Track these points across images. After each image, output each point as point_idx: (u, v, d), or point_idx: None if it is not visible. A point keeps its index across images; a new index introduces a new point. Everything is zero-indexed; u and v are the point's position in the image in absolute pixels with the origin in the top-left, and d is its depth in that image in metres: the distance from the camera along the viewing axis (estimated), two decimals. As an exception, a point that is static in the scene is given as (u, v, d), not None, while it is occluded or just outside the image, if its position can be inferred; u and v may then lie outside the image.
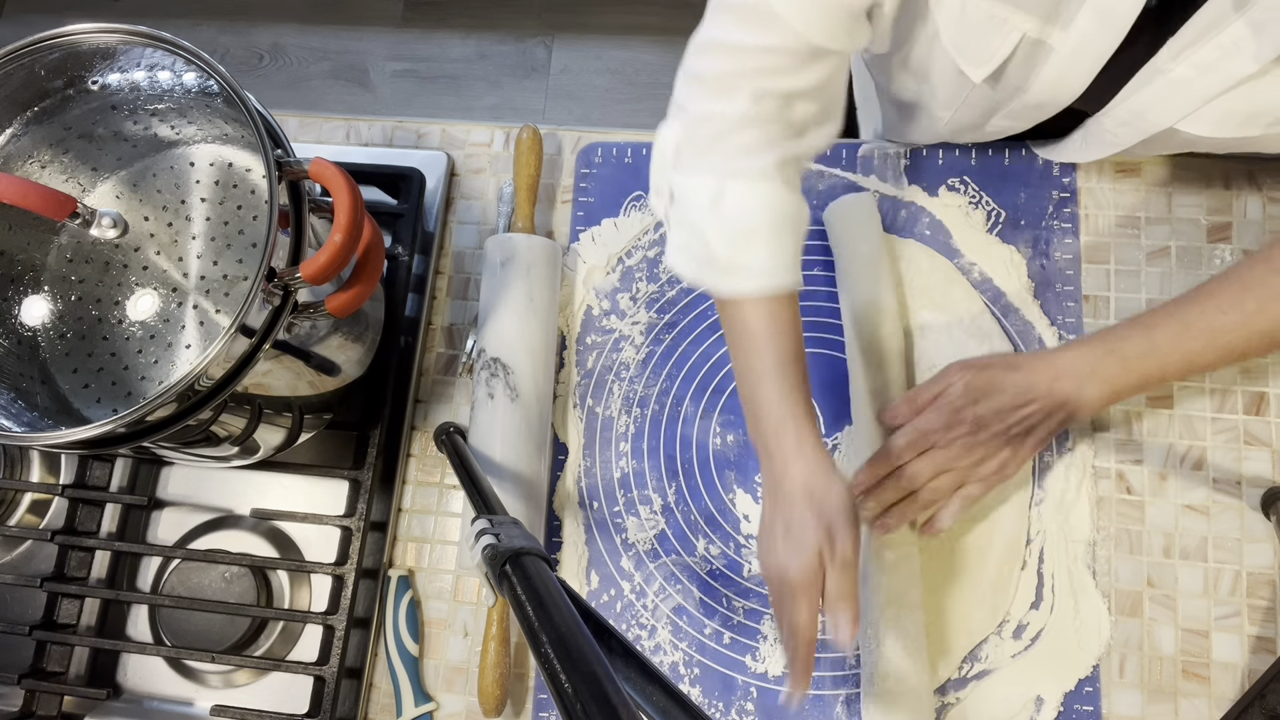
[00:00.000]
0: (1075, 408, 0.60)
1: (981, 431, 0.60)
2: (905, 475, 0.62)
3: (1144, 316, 0.59)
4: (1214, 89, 0.53)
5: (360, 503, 0.71)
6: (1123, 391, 0.59)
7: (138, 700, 0.72)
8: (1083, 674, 0.64)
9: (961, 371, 0.62)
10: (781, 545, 0.55)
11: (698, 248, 0.58)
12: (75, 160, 0.62)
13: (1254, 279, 0.57)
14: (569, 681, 0.34)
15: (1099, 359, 0.59)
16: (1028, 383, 0.59)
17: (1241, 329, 0.56)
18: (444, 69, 1.92)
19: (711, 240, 0.57)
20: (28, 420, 0.55)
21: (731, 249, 0.57)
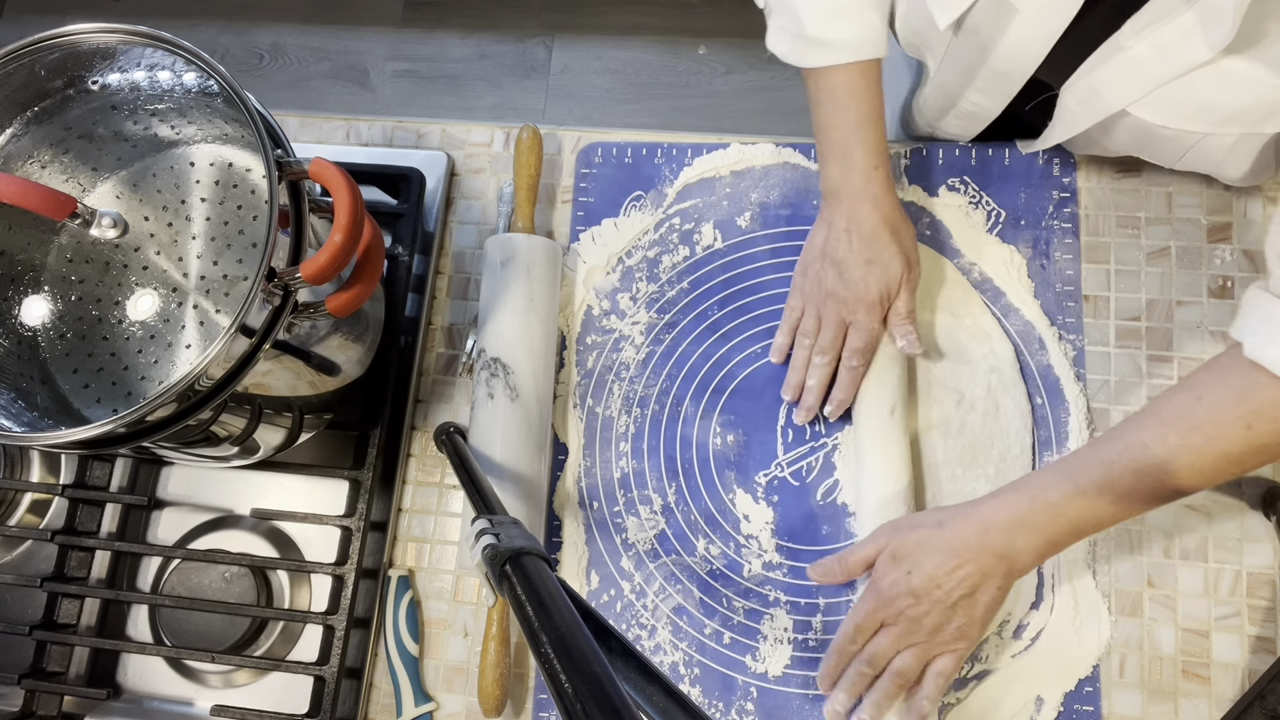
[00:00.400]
0: (1010, 562, 0.57)
1: (923, 600, 0.58)
2: (866, 657, 0.60)
3: (1068, 459, 0.57)
4: (1168, 72, 0.54)
5: (360, 503, 0.71)
6: (1058, 540, 0.57)
7: (138, 700, 0.72)
8: (1083, 674, 0.64)
9: (889, 537, 0.60)
10: (864, 272, 0.65)
11: (792, 26, 0.64)
12: (75, 160, 0.62)
13: (1174, 412, 0.54)
14: (569, 681, 0.34)
15: (1025, 508, 0.57)
16: (955, 543, 0.57)
17: (1168, 465, 0.53)
18: (444, 69, 1.92)
19: (804, 16, 0.63)
20: (28, 420, 0.55)
21: (822, 24, 0.63)
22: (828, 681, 0.62)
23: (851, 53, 0.63)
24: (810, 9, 0.63)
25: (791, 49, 0.65)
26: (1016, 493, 0.58)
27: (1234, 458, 0.53)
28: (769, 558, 0.69)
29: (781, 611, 0.67)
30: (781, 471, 0.70)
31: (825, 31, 0.63)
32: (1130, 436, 0.55)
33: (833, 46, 0.63)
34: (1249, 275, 0.70)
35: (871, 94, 0.65)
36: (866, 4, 0.63)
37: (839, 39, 0.63)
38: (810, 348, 0.68)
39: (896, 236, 0.65)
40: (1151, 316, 0.71)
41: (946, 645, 0.59)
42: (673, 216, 0.77)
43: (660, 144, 0.79)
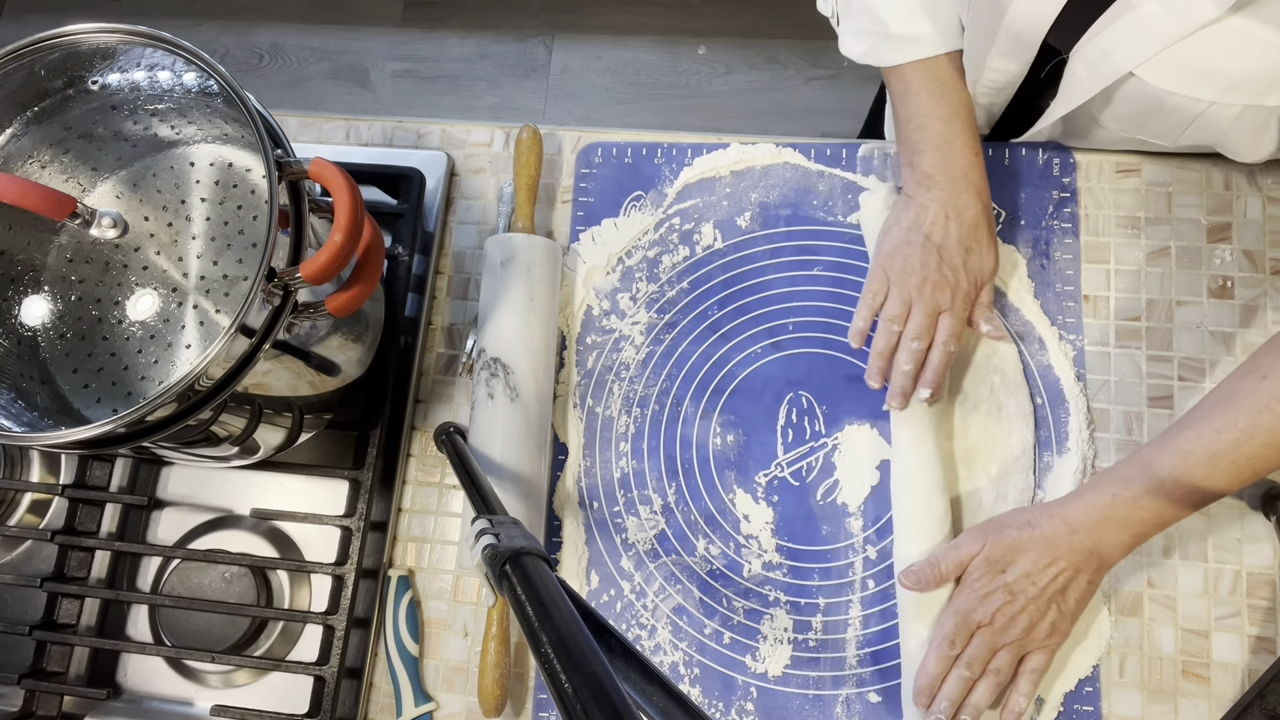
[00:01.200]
0: (1101, 557, 0.59)
1: (1019, 598, 0.59)
2: (966, 661, 0.60)
3: (1144, 450, 0.59)
4: (1177, 31, 0.54)
5: (360, 503, 0.71)
6: (1144, 531, 0.58)
7: (138, 700, 0.72)
8: (1083, 674, 0.64)
9: (979, 539, 0.61)
10: (964, 259, 0.66)
11: (872, 26, 0.67)
12: (75, 160, 0.62)
13: (1242, 393, 0.56)
14: (569, 681, 0.34)
15: (1108, 506, 0.58)
16: (1047, 541, 0.59)
17: (1242, 447, 0.55)
18: (444, 69, 1.92)
19: (886, 16, 0.66)
20: (28, 420, 0.55)
21: (906, 22, 0.65)
22: (926, 695, 0.61)
23: (938, 44, 0.66)
24: (891, 7, 0.65)
25: (871, 48, 0.68)
26: (1096, 491, 0.59)
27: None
28: (769, 558, 0.69)
29: (781, 611, 0.68)
30: (781, 471, 0.70)
31: (908, 27, 0.65)
32: (1202, 424, 0.57)
33: (918, 41, 0.66)
34: (1249, 275, 0.70)
35: (960, 84, 0.67)
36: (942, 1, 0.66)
37: (923, 33, 0.66)
38: (898, 333, 0.67)
39: (991, 228, 0.67)
40: (1151, 316, 0.71)
41: (1040, 642, 0.60)
42: (673, 216, 0.77)
43: (660, 144, 0.79)
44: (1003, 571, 0.59)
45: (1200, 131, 0.61)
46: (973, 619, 0.60)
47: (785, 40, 1.85)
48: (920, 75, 0.67)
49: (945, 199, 0.66)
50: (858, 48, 0.69)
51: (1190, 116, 0.59)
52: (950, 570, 0.62)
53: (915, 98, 0.67)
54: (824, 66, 1.82)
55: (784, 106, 1.81)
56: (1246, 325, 0.70)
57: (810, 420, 0.71)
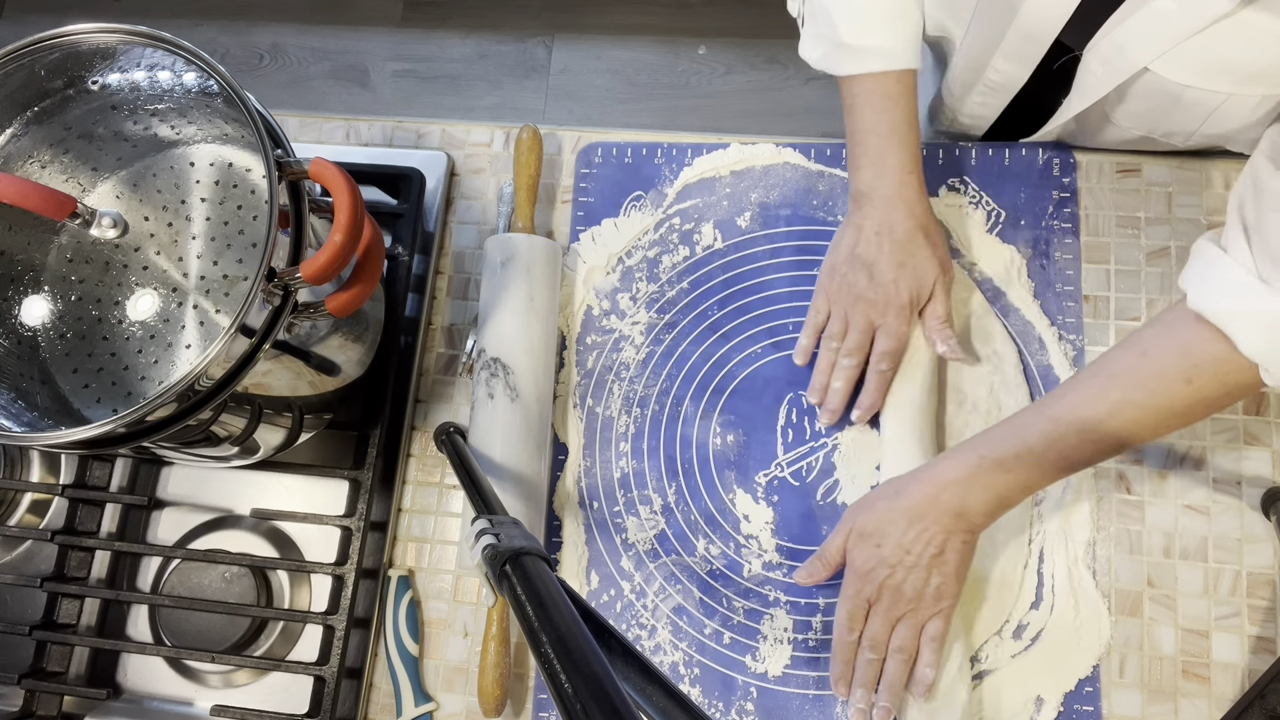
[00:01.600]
0: (968, 520, 0.59)
1: (898, 569, 0.60)
2: (868, 644, 0.61)
3: (1017, 416, 0.59)
4: (1190, 25, 0.53)
5: (360, 503, 0.71)
6: (1009, 496, 0.58)
7: (138, 700, 0.72)
8: (1083, 674, 0.64)
9: (852, 518, 0.62)
10: (895, 275, 0.65)
11: (827, 35, 0.66)
12: (75, 160, 0.62)
13: (1120, 368, 0.56)
14: (569, 681, 0.34)
15: (974, 467, 0.58)
16: (914, 508, 0.59)
17: (1111, 421, 0.55)
18: (444, 69, 1.92)
19: (839, 24, 0.65)
20: (28, 420, 0.55)
21: (857, 32, 0.65)
22: (842, 683, 0.62)
23: (887, 60, 0.65)
24: (846, 17, 0.65)
25: (825, 55, 0.67)
26: (966, 452, 0.59)
27: (1176, 411, 0.55)
28: (769, 558, 0.69)
29: (781, 611, 0.68)
30: (781, 471, 0.70)
31: (860, 39, 0.65)
32: (1075, 394, 0.57)
33: (869, 54, 0.65)
34: (1249, 275, 0.70)
35: (906, 101, 0.66)
36: (901, 15, 0.65)
37: (874, 46, 0.65)
38: (836, 350, 0.68)
39: (929, 240, 0.66)
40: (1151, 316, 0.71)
41: (932, 608, 0.60)
42: (673, 216, 0.77)
43: (660, 144, 0.79)
44: (878, 546, 0.60)
45: (1216, 125, 0.60)
46: (862, 598, 0.61)
47: (785, 40, 1.85)
48: (867, 88, 0.66)
49: (879, 215, 0.66)
50: (814, 53, 0.68)
51: (1207, 110, 0.59)
52: (834, 556, 0.63)
53: (859, 111, 0.67)
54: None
55: (784, 106, 1.81)
56: (1246, 325, 0.70)
57: (810, 420, 0.71)
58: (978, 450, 0.59)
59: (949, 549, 0.59)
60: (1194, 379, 0.53)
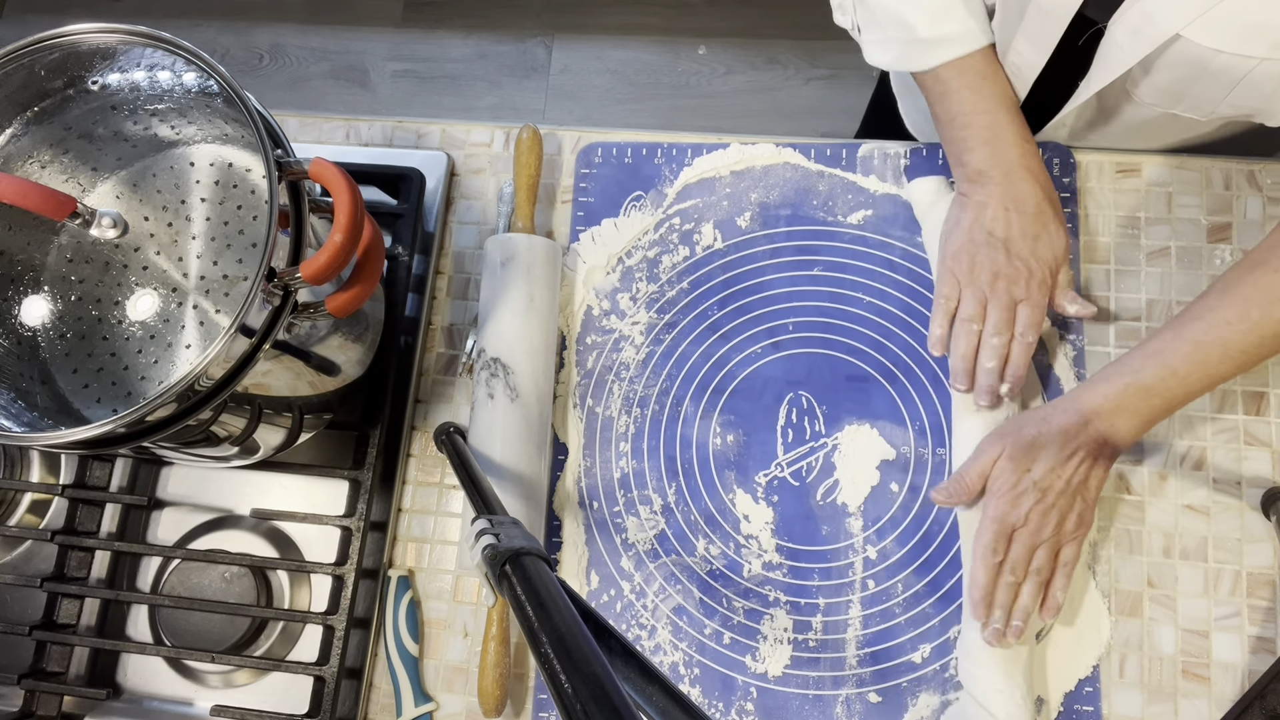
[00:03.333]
0: (1115, 444, 0.61)
1: (1048, 494, 0.60)
2: (1010, 567, 0.61)
3: (1152, 343, 0.61)
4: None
5: (360, 503, 0.71)
6: (1152, 418, 0.61)
7: (138, 700, 0.72)
8: (1083, 674, 0.64)
9: (997, 444, 0.62)
10: (1033, 247, 0.65)
11: (899, 34, 0.66)
12: (75, 160, 0.62)
13: (1254, 286, 0.58)
14: (569, 681, 0.34)
15: (1120, 394, 0.60)
16: (1064, 433, 0.60)
17: (1252, 336, 0.58)
18: (444, 69, 1.92)
19: (914, 22, 0.65)
20: (28, 420, 0.55)
21: (934, 24, 0.65)
22: (983, 605, 0.62)
23: (968, 41, 0.65)
24: (918, 12, 0.65)
25: (901, 54, 0.67)
26: (1109, 382, 0.61)
27: None
28: (769, 558, 0.69)
29: (781, 611, 0.68)
30: (781, 471, 0.70)
31: (938, 29, 0.65)
32: (1213, 314, 0.59)
33: (950, 41, 0.65)
34: (1249, 275, 0.70)
35: (998, 75, 0.66)
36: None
37: (954, 32, 0.65)
38: (978, 332, 0.66)
39: (1055, 210, 0.67)
40: (1151, 316, 0.71)
41: (1070, 535, 0.62)
42: (673, 216, 0.77)
43: (660, 144, 0.79)
44: (1028, 470, 0.61)
45: (1243, 96, 0.59)
46: (1008, 522, 0.61)
47: (785, 40, 1.85)
48: (956, 73, 0.66)
49: (1002, 192, 0.66)
50: (885, 56, 0.69)
51: (1235, 78, 0.58)
52: (975, 480, 0.63)
53: (955, 95, 0.67)
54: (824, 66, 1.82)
55: (784, 106, 1.81)
56: (1246, 325, 0.70)
57: (810, 420, 0.71)
58: (1123, 378, 0.60)
59: (1093, 477, 0.61)
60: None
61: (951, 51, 0.66)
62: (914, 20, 0.65)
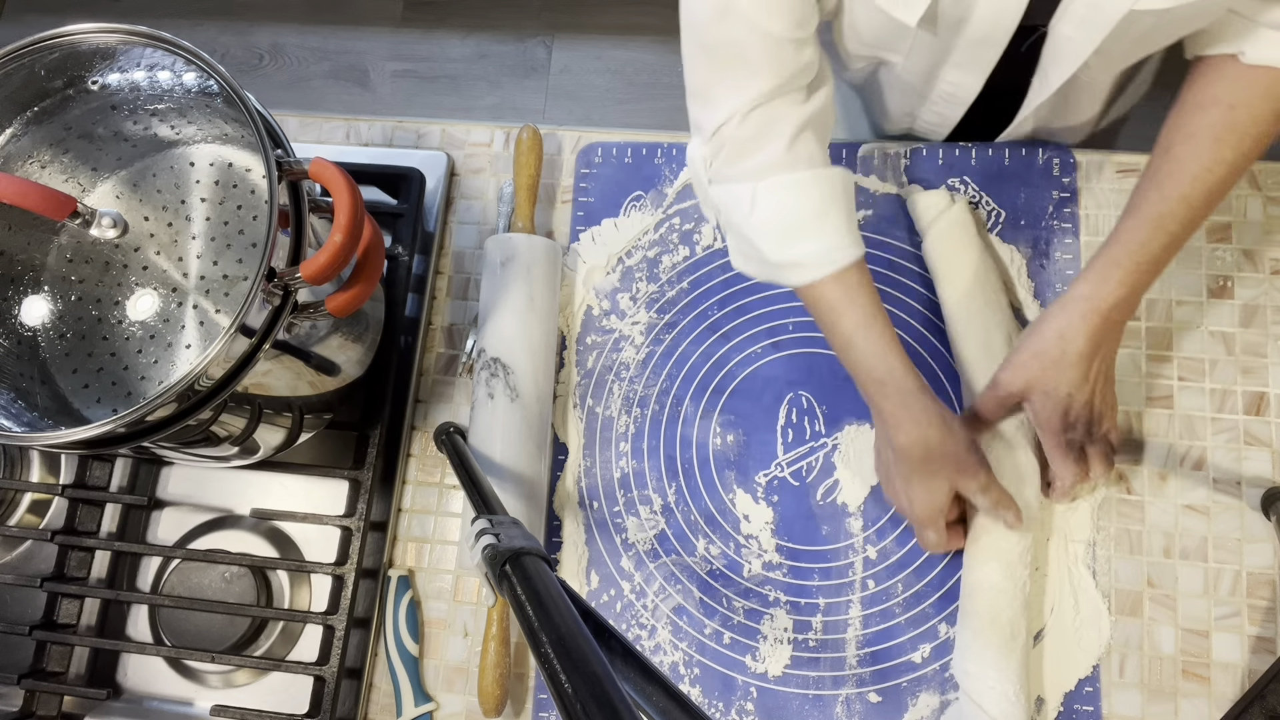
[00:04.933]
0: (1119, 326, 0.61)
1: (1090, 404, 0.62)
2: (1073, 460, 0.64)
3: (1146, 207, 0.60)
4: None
5: (360, 503, 0.71)
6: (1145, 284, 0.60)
7: (138, 700, 0.72)
8: (1083, 674, 0.64)
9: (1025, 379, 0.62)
10: (908, 489, 0.63)
11: (750, 250, 0.61)
12: (75, 160, 0.62)
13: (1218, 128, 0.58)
14: (569, 681, 0.34)
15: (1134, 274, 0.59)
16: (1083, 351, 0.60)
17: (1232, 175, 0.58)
18: (444, 69, 1.92)
19: (760, 244, 0.60)
20: (28, 420, 0.55)
21: (781, 248, 0.59)
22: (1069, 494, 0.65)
23: (825, 264, 0.59)
24: (762, 236, 0.59)
25: (760, 272, 0.63)
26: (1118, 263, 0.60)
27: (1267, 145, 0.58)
28: (769, 558, 0.69)
29: (781, 611, 0.68)
30: (781, 471, 0.70)
31: (785, 254, 0.59)
32: (1193, 164, 0.58)
33: (803, 265, 0.59)
34: (1249, 275, 0.70)
35: (864, 291, 0.60)
36: (826, 209, 0.59)
37: (805, 255, 0.59)
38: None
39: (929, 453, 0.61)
40: (1151, 316, 0.71)
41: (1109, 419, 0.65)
42: (673, 216, 0.77)
43: (660, 144, 0.79)
44: (1068, 395, 0.61)
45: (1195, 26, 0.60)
46: (1074, 444, 0.63)
47: (785, 40, 1.85)
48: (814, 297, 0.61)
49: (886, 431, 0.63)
50: (748, 268, 0.63)
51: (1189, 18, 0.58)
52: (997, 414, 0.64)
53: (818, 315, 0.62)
54: (824, 66, 1.82)
55: (784, 106, 1.80)
56: (1246, 325, 0.70)
57: (810, 420, 0.71)
58: (1134, 257, 0.59)
59: (1110, 367, 0.63)
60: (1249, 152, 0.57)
61: (809, 275, 0.59)
62: (760, 243, 0.60)
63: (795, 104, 0.59)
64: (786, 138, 0.58)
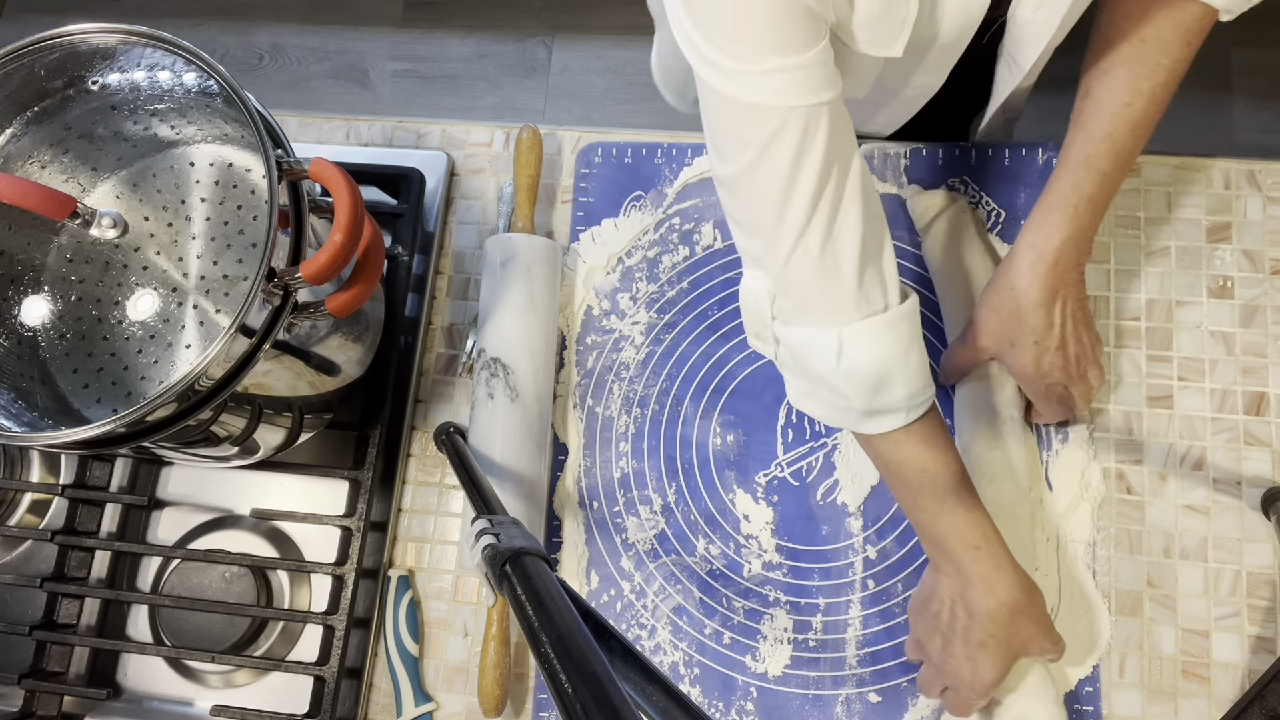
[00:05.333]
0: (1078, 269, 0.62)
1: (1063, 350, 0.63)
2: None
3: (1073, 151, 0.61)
4: None
5: (360, 503, 0.71)
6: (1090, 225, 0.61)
7: (138, 700, 0.72)
8: (1083, 674, 0.64)
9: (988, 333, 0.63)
10: (980, 654, 0.57)
11: (833, 398, 0.56)
12: (75, 160, 0.62)
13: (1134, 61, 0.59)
14: (569, 681, 0.34)
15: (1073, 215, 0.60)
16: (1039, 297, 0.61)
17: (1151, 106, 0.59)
18: (444, 69, 1.92)
19: (849, 394, 0.54)
20: (28, 420, 0.55)
21: (872, 397, 0.54)
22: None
23: (910, 411, 0.55)
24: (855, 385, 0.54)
25: (836, 418, 0.58)
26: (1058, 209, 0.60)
27: (1182, 74, 0.60)
28: (769, 558, 0.69)
29: (781, 611, 0.68)
30: (781, 471, 0.70)
31: (879, 401, 0.54)
32: (1112, 100, 0.60)
33: (890, 414, 0.55)
34: (1249, 275, 0.70)
35: (948, 442, 0.57)
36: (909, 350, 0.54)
37: (895, 404, 0.55)
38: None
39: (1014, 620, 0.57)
40: (1151, 316, 0.71)
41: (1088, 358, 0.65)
42: (673, 216, 0.77)
43: (660, 144, 0.79)
44: (1035, 342, 0.62)
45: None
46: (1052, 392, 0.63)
47: (785, 40, 1.85)
48: (897, 447, 0.57)
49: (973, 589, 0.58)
50: (817, 410, 0.58)
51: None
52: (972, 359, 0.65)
53: (898, 469, 0.58)
54: (824, 66, 1.82)
55: (784, 106, 1.80)
56: (1246, 325, 0.70)
57: (810, 420, 0.71)
58: (1069, 199, 0.60)
59: (1078, 306, 0.63)
60: (1192, 42, 0.58)
61: (893, 422, 0.55)
62: (848, 391, 0.54)
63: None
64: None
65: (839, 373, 0.53)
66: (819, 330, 0.53)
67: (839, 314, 0.53)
